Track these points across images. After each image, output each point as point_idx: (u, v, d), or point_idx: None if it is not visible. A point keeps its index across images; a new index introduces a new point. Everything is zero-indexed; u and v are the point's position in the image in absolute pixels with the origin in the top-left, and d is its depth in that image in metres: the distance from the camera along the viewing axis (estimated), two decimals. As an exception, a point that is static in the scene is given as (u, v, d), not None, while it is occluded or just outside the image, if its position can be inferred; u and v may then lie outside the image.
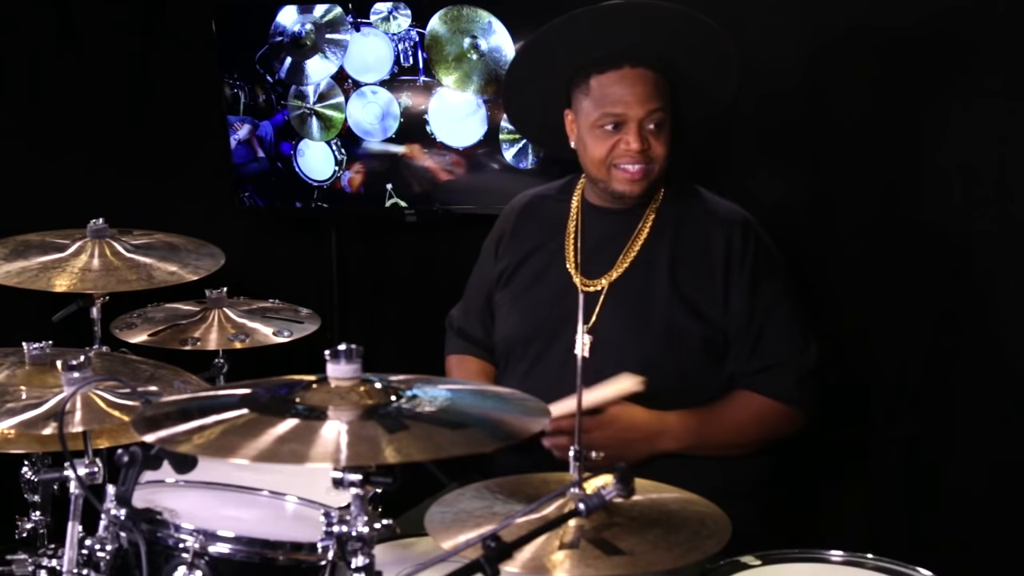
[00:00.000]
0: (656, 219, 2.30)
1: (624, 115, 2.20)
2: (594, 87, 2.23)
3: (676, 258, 2.26)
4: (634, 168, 2.22)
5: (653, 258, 2.27)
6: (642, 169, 2.22)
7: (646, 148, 2.20)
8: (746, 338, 2.22)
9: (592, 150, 2.24)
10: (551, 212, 2.41)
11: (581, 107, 2.26)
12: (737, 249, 2.24)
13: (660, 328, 2.23)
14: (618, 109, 2.21)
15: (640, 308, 2.24)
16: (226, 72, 3.35)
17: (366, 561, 1.44)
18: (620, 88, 2.21)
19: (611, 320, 2.24)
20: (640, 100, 2.20)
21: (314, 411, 1.44)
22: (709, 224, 2.28)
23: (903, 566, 1.80)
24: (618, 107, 2.21)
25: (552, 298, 2.30)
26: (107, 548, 1.67)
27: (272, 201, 3.44)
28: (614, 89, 2.21)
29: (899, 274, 2.72)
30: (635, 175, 2.22)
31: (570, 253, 2.33)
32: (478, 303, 2.50)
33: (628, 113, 2.20)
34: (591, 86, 2.23)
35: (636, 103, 2.20)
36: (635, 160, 2.21)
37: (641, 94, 2.20)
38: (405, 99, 3.20)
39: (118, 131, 3.46)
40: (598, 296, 2.27)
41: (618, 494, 1.46)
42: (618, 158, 2.22)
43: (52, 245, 2.42)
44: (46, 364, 2.00)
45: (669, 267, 2.25)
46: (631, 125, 2.20)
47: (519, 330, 2.35)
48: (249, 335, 2.61)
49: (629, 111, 2.20)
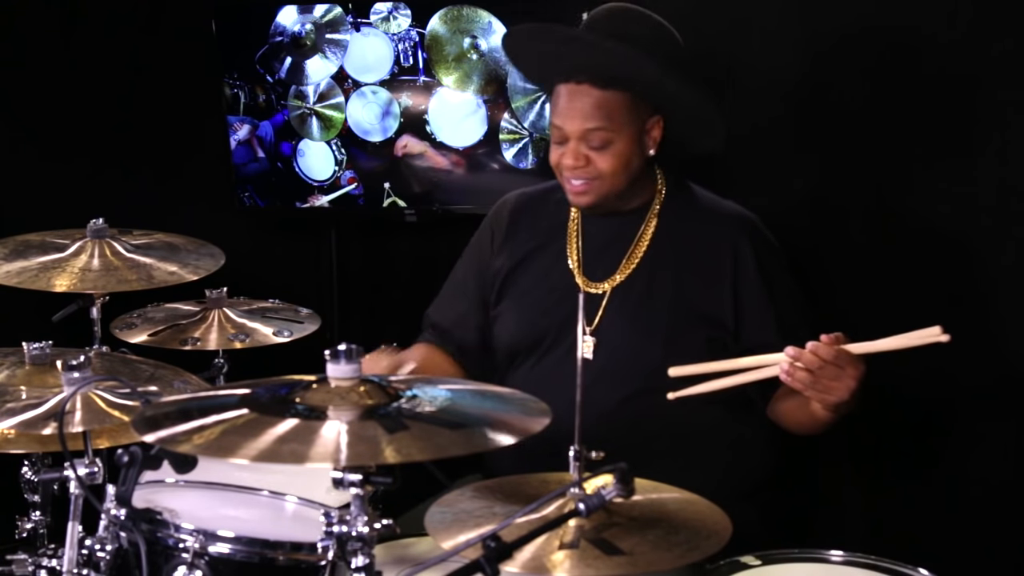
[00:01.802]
0: (658, 222, 2.29)
1: (562, 129, 2.20)
2: (554, 95, 2.23)
3: (680, 261, 2.26)
4: (576, 182, 2.21)
5: (656, 261, 2.26)
6: (585, 184, 2.20)
7: (583, 164, 2.19)
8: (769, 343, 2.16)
9: (550, 157, 2.25)
10: (548, 213, 2.39)
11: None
12: (746, 258, 2.23)
13: (665, 331, 2.22)
14: (558, 122, 2.21)
15: (644, 311, 2.24)
16: (226, 72, 3.35)
17: (366, 561, 1.44)
18: (564, 101, 2.20)
19: (615, 323, 2.24)
20: (580, 116, 2.17)
21: (314, 411, 1.44)
22: (712, 226, 2.28)
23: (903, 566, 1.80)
24: (558, 119, 2.21)
25: (556, 302, 2.29)
26: (107, 548, 1.67)
27: (272, 201, 3.44)
28: (561, 101, 2.20)
29: (899, 274, 2.71)
30: (577, 189, 2.22)
31: (572, 256, 2.33)
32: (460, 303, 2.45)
33: (565, 128, 2.19)
34: (555, 93, 2.23)
35: (575, 118, 2.18)
36: (574, 175, 2.21)
37: (579, 111, 2.17)
38: (405, 99, 3.20)
39: (118, 131, 3.46)
40: (601, 299, 2.27)
41: (618, 494, 1.46)
42: (564, 170, 2.23)
43: (52, 245, 2.42)
44: (46, 364, 2.00)
45: (673, 270, 2.25)
46: (571, 141, 2.19)
47: (524, 334, 2.33)
48: (249, 335, 2.61)
49: (566, 126, 2.19)
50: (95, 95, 3.42)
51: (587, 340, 2.23)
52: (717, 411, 2.22)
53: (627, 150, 2.20)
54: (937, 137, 2.65)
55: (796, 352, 1.94)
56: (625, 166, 2.21)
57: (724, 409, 2.25)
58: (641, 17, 2.24)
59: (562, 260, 2.33)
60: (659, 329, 2.23)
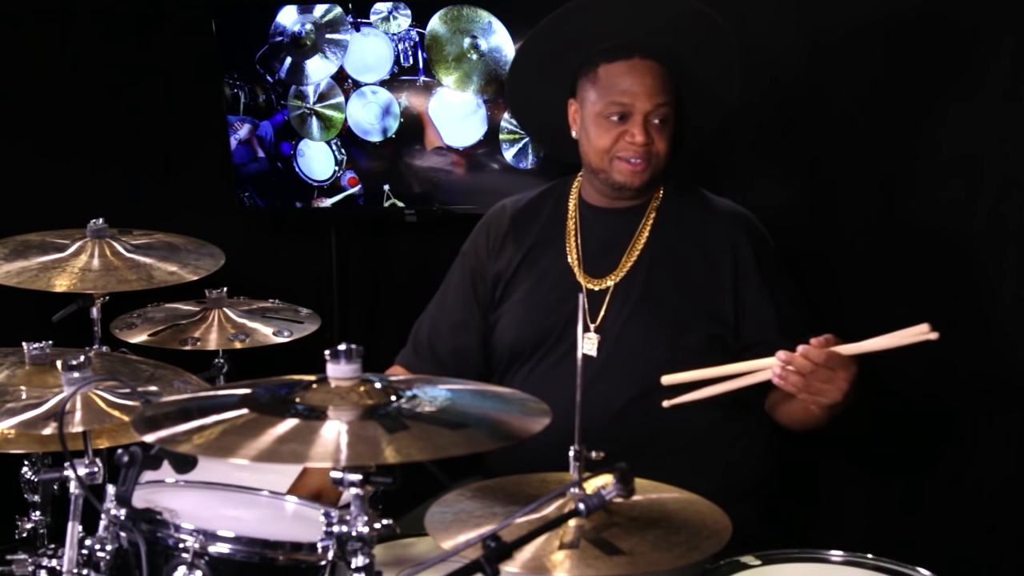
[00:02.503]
0: (657, 218, 2.30)
1: (631, 106, 2.20)
2: (602, 76, 2.22)
3: (680, 257, 2.26)
4: (636, 161, 2.22)
5: (657, 258, 2.27)
6: (644, 163, 2.22)
7: (649, 142, 2.20)
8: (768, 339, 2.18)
9: (596, 140, 2.24)
10: (547, 214, 2.39)
11: (587, 96, 2.25)
12: (745, 254, 2.24)
13: (666, 327, 2.23)
14: (625, 100, 2.20)
15: (646, 308, 2.24)
16: (226, 72, 3.35)
17: (366, 561, 1.44)
18: (629, 79, 2.20)
19: (617, 320, 2.24)
20: (648, 93, 2.19)
21: (314, 411, 1.44)
22: (711, 223, 2.29)
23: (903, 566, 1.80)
24: (625, 97, 2.20)
25: (557, 300, 2.29)
26: (107, 548, 1.66)
27: (272, 201, 3.44)
28: (622, 79, 2.21)
29: (899, 273, 2.71)
30: (636, 168, 2.22)
31: (573, 254, 2.33)
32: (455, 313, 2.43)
33: (635, 105, 2.20)
34: (599, 75, 2.23)
35: (644, 95, 2.19)
36: (638, 154, 2.21)
37: (649, 87, 2.19)
38: (405, 99, 3.20)
39: (118, 131, 3.46)
40: (603, 296, 2.27)
41: (618, 494, 1.46)
42: (621, 150, 2.22)
43: (52, 245, 2.42)
44: (46, 364, 2.00)
45: (673, 267, 2.26)
46: (636, 117, 2.20)
47: (527, 334, 2.33)
48: (249, 335, 2.61)
49: (636, 103, 2.20)
50: (95, 95, 3.42)
51: (591, 337, 2.24)
52: (717, 411, 2.22)
53: (673, 132, 2.24)
54: (937, 137, 2.65)
55: (787, 356, 1.93)
56: (672, 149, 2.24)
57: (724, 409, 2.25)
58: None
59: (562, 258, 2.33)
60: (663, 324, 2.23)
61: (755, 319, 2.23)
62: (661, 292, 2.25)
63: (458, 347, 2.42)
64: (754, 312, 2.24)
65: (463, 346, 2.41)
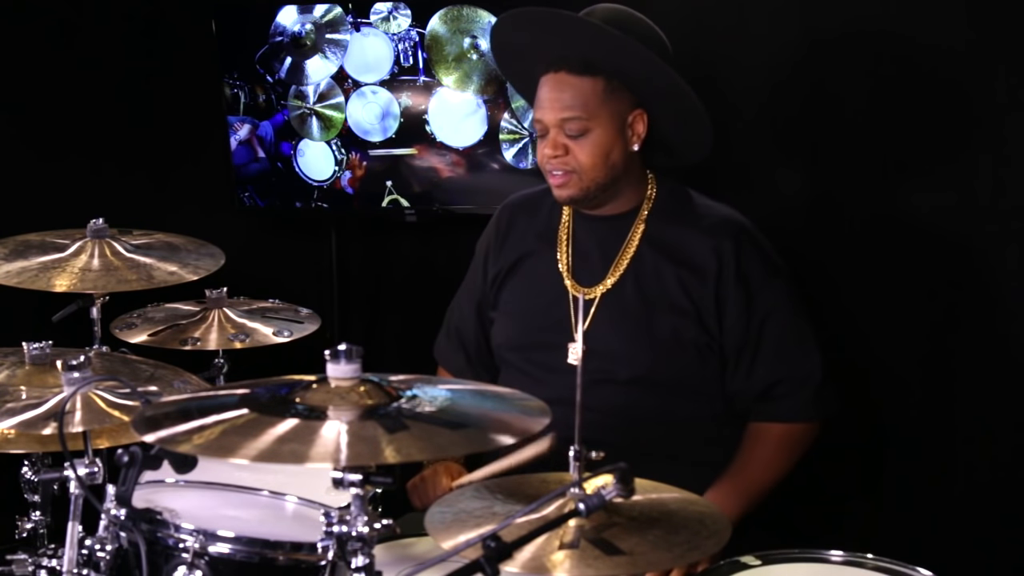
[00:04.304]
0: (646, 227, 2.27)
1: (541, 120, 2.19)
2: (538, 88, 2.22)
3: (667, 267, 2.23)
4: (556, 174, 2.19)
5: (644, 267, 2.24)
6: (564, 176, 2.19)
7: (561, 153, 2.17)
8: (744, 353, 2.20)
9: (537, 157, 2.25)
10: (542, 218, 2.38)
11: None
12: (728, 260, 2.20)
13: (653, 337, 2.21)
14: (538, 114, 2.20)
15: (633, 317, 2.23)
16: (226, 72, 3.35)
17: (366, 561, 1.44)
18: (545, 92, 2.19)
19: (604, 329, 2.23)
20: (554, 106, 2.16)
21: (314, 411, 1.44)
22: (698, 230, 2.24)
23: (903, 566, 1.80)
24: (539, 112, 2.20)
25: (546, 306, 2.29)
26: (107, 548, 1.67)
27: (272, 201, 3.44)
28: (542, 92, 2.19)
29: (900, 274, 2.71)
30: (557, 181, 2.20)
31: (563, 261, 2.32)
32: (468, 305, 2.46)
33: (544, 119, 2.18)
34: (539, 84, 2.22)
35: (550, 109, 2.17)
36: (553, 165, 2.19)
37: (557, 100, 2.16)
38: (405, 99, 3.20)
39: (118, 131, 3.46)
40: (591, 305, 2.25)
41: (618, 494, 1.46)
42: (544, 162, 2.21)
43: (52, 245, 2.42)
44: (46, 364, 2.00)
45: (661, 276, 2.23)
46: (550, 131, 2.18)
47: (514, 338, 2.34)
48: (249, 335, 2.61)
49: (544, 116, 2.18)
50: (95, 95, 3.42)
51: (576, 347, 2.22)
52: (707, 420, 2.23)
53: (606, 141, 2.17)
54: (937, 137, 2.64)
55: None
56: (604, 158, 2.18)
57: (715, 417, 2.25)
58: (634, 16, 2.22)
59: (553, 265, 2.32)
60: (648, 334, 2.21)
61: (730, 327, 2.21)
62: (647, 303, 2.22)
63: (480, 332, 2.44)
64: (731, 320, 2.21)
65: (485, 331, 2.44)
